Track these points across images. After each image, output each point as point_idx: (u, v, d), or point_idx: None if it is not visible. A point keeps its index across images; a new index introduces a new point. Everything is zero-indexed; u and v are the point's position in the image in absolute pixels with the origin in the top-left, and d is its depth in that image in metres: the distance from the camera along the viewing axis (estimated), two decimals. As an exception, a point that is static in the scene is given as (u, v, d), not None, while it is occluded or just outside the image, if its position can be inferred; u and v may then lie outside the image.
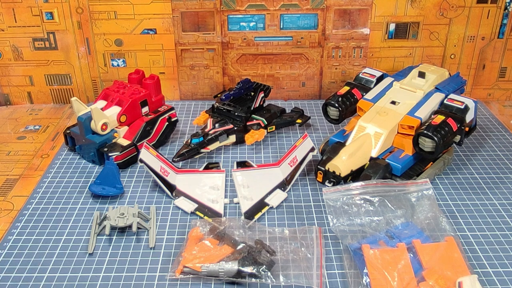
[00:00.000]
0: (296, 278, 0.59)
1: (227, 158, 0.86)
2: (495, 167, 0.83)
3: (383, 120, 0.76)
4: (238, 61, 1.06)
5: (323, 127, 0.97)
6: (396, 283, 0.56)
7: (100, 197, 0.75)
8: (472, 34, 1.03)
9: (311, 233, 0.66)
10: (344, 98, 0.82)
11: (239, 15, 1.01)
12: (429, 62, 1.05)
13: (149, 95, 0.88)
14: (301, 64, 1.06)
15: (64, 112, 1.06)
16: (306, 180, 0.79)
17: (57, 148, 0.90)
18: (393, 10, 1.00)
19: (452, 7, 1.00)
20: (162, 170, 0.76)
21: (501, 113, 1.04)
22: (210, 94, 1.09)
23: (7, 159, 0.88)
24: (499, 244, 0.66)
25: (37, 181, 0.81)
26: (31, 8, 0.99)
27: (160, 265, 0.62)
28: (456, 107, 0.77)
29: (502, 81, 1.08)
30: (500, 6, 1.00)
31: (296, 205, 0.74)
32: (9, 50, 1.03)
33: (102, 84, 1.07)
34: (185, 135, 0.94)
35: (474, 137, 0.92)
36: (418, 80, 0.84)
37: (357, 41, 1.04)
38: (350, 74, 1.07)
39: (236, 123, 0.87)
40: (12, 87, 1.08)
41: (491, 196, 0.76)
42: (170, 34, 1.02)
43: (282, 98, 1.10)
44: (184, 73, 1.07)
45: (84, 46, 1.03)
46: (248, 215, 0.70)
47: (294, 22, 1.02)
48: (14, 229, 0.69)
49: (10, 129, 0.98)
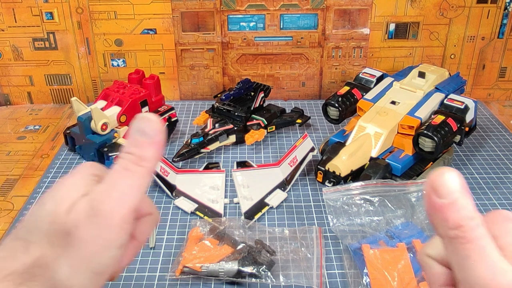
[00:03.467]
0: (296, 278, 0.59)
1: (227, 158, 0.86)
2: (495, 167, 0.83)
3: (383, 120, 0.76)
4: (238, 61, 1.06)
5: (323, 127, 0.97)
6: (396, 283, 0.56)
7: (100, 197, 0.75)
8: (472, 34, 1.03)
9: (311, 233, 0.66)
10: (344, 98, 0.82)
11: (239, 15, 1.01)
12: (429, 62, 1.05)
13: (149, 95, 0.88)
14: (301, 64, 1.06)
15: (64, 112, 1.06)
16: (306, 180, 0.79)
17: (57, 148, 0.90)
18: (393, 10, 1.00)
19: (452, 7, 1.00)
20: (162, 170, 0.76)
21: (501, 113, 1.04)
22: (210, 94, 1.09)
23: (7, 159, 0.88)
24: (499, 244, 0.66)
25: (37, 181, 0.81)
26: (31, 8, 0.99)
27: (160, 265, 0.62)
28: (456, 107, 0.77)
29: (502, 81, 1.08)
30: (500, 6, 1.00)
31: (296, 205, 0.74)
32: (9, 50, 1.03)
33: (102, 84, 1.07)
34: (185, 135, 0.94)
35: (474, 137, 0.92)
36: (418, 80, 0.84)
37: (357, 41, 1.04)
38: (350, 74, 1.07)
39: (236, 123, 0.87)
40: (12, 87, 1.08)
41: (491, 196, 0.76)
42: (170, 34, 1.02)
43: (282, 98, 1.10)
44: (184, 73, 1.07)
45: (84, 46, 1.03)
46: (248, 215, 0.70)
47: (294, 22, 1.02)
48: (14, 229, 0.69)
49: (10, 129, 0.98)
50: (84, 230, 0.32)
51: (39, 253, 0.32)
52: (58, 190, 0.35)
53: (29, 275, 0.31)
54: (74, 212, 0.33)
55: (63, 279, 0.32)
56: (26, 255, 0.32)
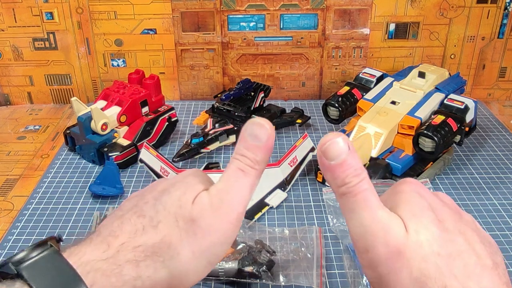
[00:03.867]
0: (296, 278, 0.59)
1: (227, 158, 0.86)
2: (495, 167, 0.83)
3: (383, 120, 0.76)
4: (238, 61, 1.06)
5: (323, 127, 0.97)
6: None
7: (100, 197, 0.75)
8: (472, 34, 1.03)
9: (311, 233, 0.66)
10: (344, 98, 0.82)
11: (239, 15, 1.01)
12: (429, 62, 1.05)
13: (149, 95, 0.88)
14: (301, 64, 1.06)
15: (64, 112, 1.06)
16: (306, 180, 0.79)
17: (57, 148, 0.90)
18: (393, 10, 1.00)
19: (452, 7, 1.00)
20: (162, 170, 0.76)
21: (501, 113, 1.04)
22: (210, 94, 1.09)
23: (7, 159, 0.88)
24: (499, 244, 0.65)
25: (37, 181, 0.81)
26: (31, 8, 0.99)
27: (160, 265, 0.62)
28: (456, 107, 0.77)
29: (502, 81, 1.08)
30: (500, 6, 1.00)
31: (296, 205, 0.74)
32: (9, 50, 1.03)
33: (102, 84, 1.07)
34: (185, 135, 0.94)
35: (474, 137, 0.92)
36: (418, 80, 0.84)
37: (357, 41, 1.04)
38: (350, 74, 1.07)
39: (236, 123, 0.87)
40: (12, 87, 1.08)
41: (491, 196, 0.76)
42: (170, 34, 1.02)
43: (282, 98, 1.10)
44: (184, 73, 1.07)
45: (84, 46, 1.03)
46: (248, 215, 0.70)
47: (294, 22, 1.02)
48: (14, 229, 0.69)
49: (10, 129, 0.98)
50: (207, 220, 0.35)
51: (166, 232, 0.34)
52: (178, 182, 0.37)
53: (155, 250, 0.34)
54: (199, 203, 0.35)
55: (182, 261, 0.34)
56: (156, 231, 0.34)
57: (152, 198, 0.37)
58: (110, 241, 0.34)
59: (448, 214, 0.35)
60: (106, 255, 0.33)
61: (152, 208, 0.36)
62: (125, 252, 0.33)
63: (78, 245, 0.34)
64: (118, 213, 0.37)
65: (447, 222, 0.34)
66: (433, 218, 0.34)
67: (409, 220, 0.33)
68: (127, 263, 0.33)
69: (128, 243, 0.33)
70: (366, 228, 0.33)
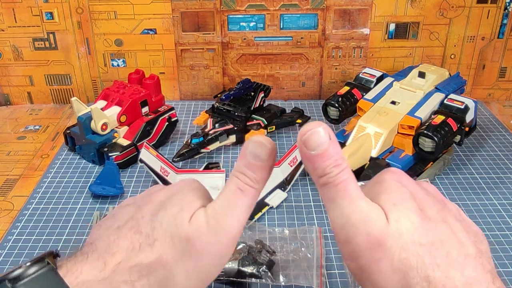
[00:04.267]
0: (296, 278, 0.59)
1: (227, 158, 0.86)
2: (495, 167, 0.83)
3: (383, 120, 0.76)
4: (238, 61, 1.06)
5: (323, 127, 0.97)
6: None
7: (100, 197, 0.75)
8: (472, 34, 1.03)
9: (311, 233, 0.66)
10: (344, 98, 0.82)
11: (239, 15, 1.01)
12: (429, 62, 1.05)
13: (149, 95, 0.88)
14: (301, 64, 1.06)
15: (64, 112, 1.06)
16: (306, 180, 0.79)
17: (57, 148, 0.90)
18: (393, 10, 1.00)
19: (452, 7, 1.00)
20: (162, 170, 0.76)
21: (501, 113, 1.04)
22: (210, 94, 1.09)
23: (7, 159, 0.88)
24: (499, 244, 0.66)
25: (37, 181, 0.81)
26: (31, 8, 0.99)
27: (160, 265, 0.62)
28: (456, 107, 0.77)
29: (502, 81, 1.08)
30: (500, 6, 1.00)
31: (296, 205, 0.74)
32: (9, 50, 1.03)
33: (102, 84, 1.07)
34: (185, 135, 0.94)
35: (474, 137, 0.92)
36: (418, 80, 0.84)
37: (357, 41, 1.04)
38: (350, 74, 1.07)
39: (236, 123, 0.87)
40: (12, 87, 1.08)
41: (491, 196, 0.76)
42: (170, 34, 1.02)
43: (282, 98, 1.10)
44: (184, 73, 1.07)
45: (84, 46, 1.03)
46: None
47: (294, 22, 1.02)
48: (14, 229, 0.69)
49: (10, 129, 0.98)
50: (203, 242, 0.34)
51: (162, 251, 0.34)
52: (175, 196, 0.37)
53: (150, 270, 0.33)
54: (196, 221, 0.35)
55: (176, 281, 0.34)
56: (152, 250, 0.34)
57: (148, 212, 0.36)
58: (106, 259, 0.33)
59: (430, 202, 0.35)
60: (103, 275, 0.32)
61: (149, 224, 0.35)
62: (122, 273, 0.33)
63: (74, 261, 0.34)
64: (114, 224, 0.36)
65: (429, 210, 0.34)
66: (414, 206, 0.34)
67: (389, 209, 0.33)
68: (123, 283, 0.33)
69: (125, 262, 0.33)
70: (347, 219, 0.33)
